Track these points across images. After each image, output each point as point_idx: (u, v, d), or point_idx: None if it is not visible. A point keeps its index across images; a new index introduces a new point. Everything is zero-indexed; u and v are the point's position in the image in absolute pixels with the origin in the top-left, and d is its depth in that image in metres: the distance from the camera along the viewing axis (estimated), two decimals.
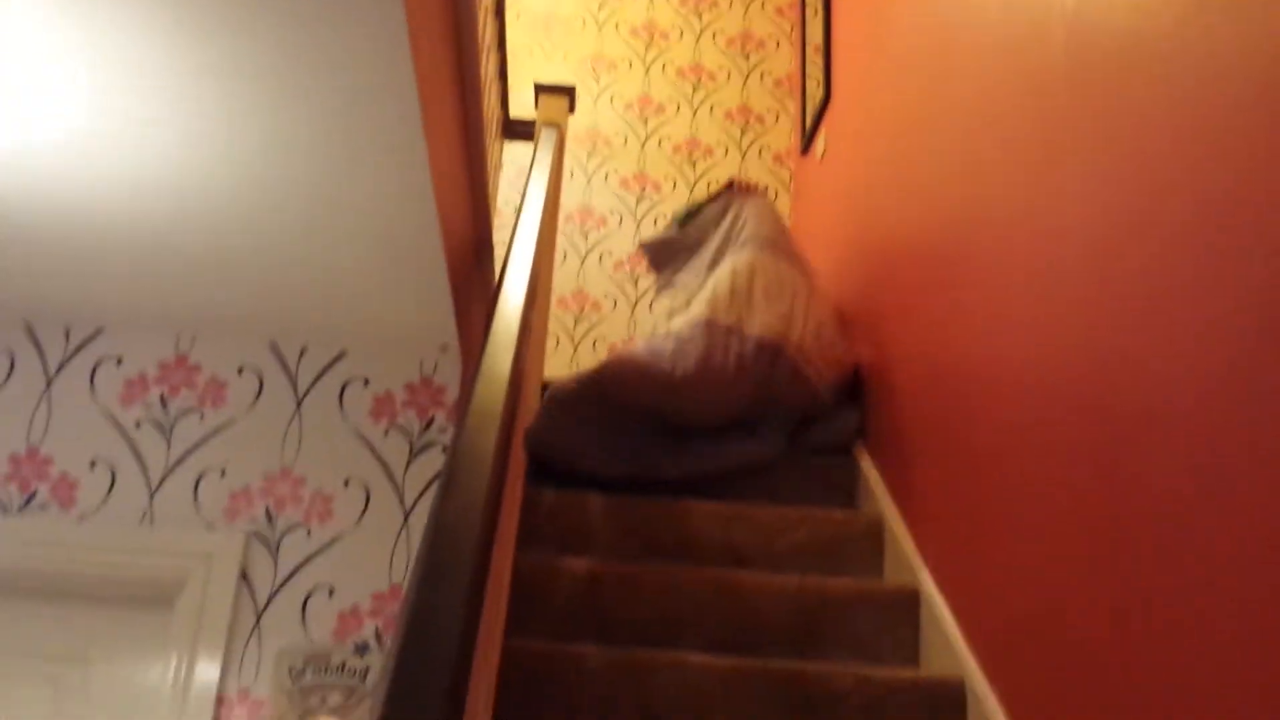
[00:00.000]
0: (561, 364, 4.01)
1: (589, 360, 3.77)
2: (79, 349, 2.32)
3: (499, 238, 3.38)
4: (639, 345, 2.95)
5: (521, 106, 3.74)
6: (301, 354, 2.34)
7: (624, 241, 4.61)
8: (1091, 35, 1.78)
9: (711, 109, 4.89)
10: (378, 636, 2.14)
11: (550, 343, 4.00)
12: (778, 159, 4.81)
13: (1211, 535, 1.32)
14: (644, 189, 4.72)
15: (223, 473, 2.24)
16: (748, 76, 4.95)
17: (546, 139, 3.15)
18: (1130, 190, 1.63)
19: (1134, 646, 1.49)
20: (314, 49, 1.54)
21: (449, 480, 1.49)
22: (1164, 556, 1.43)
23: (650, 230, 4.62)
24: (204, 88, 1.65)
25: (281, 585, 2.16)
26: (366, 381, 2.33)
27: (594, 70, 4.91)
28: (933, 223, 2.66)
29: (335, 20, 1.49)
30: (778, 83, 4.95)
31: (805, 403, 3.09)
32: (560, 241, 4.47)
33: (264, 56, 1.56)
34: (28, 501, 2.20)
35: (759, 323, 3.11)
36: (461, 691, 1.10)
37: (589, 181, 4.70)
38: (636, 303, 4.40)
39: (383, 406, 2.32)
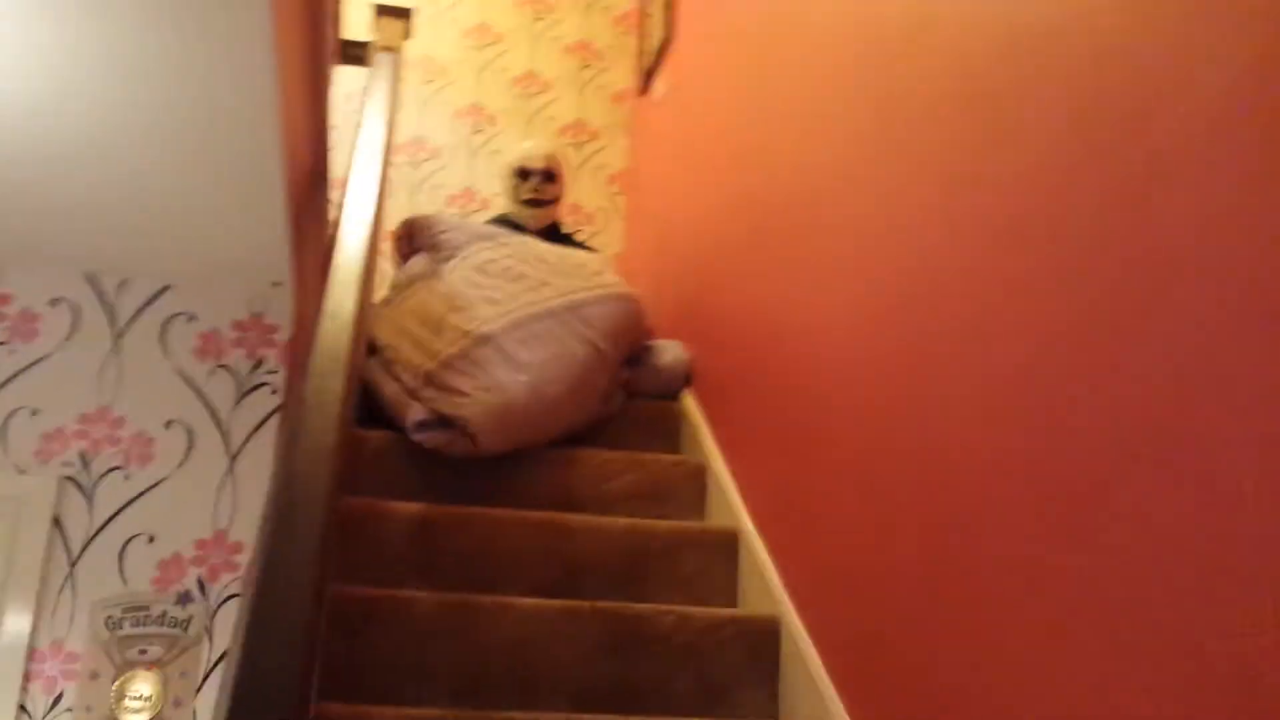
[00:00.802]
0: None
1: None
2: None
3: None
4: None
5: (351, 28, 3.60)
6: (121, 286, 2.22)
7: (458, 175, 4.53)
8: (932, 11, 1.86)
9: (552, 41, 4.82)
10: (201, 585, 2.08)
11: (378, 278, 3.91)
12: (616, 98, 4.80)
13: (1001, 481, 1.45)
14: (480, 120, 4.63)
15: (34, 411, 2.12)
16: (590, 7, 4.90)
17: (384, 64, 3.05)
18: (955, 162, 1.73)
19: (930, 585, 1.62)
20: None
21: (297, 428, 1.48)
22: (957, 507, 1.56)
23: (485, 164, 4.55)
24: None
25: (98, 532, 2.08)
26: (191, 318, 2.24)
27: None
28: (764, 178, 2.74)
29: None
30: (619, 19, 4.92)
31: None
32: (392, 174, 4.35)
33: None
34: None
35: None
36: (315, 631, 1.14)
37: (422, 110, 4.57)
38: None
39: (209, 344, 2.23)
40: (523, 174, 3.69)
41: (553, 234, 3.68)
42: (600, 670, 2.14)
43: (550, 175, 3.70)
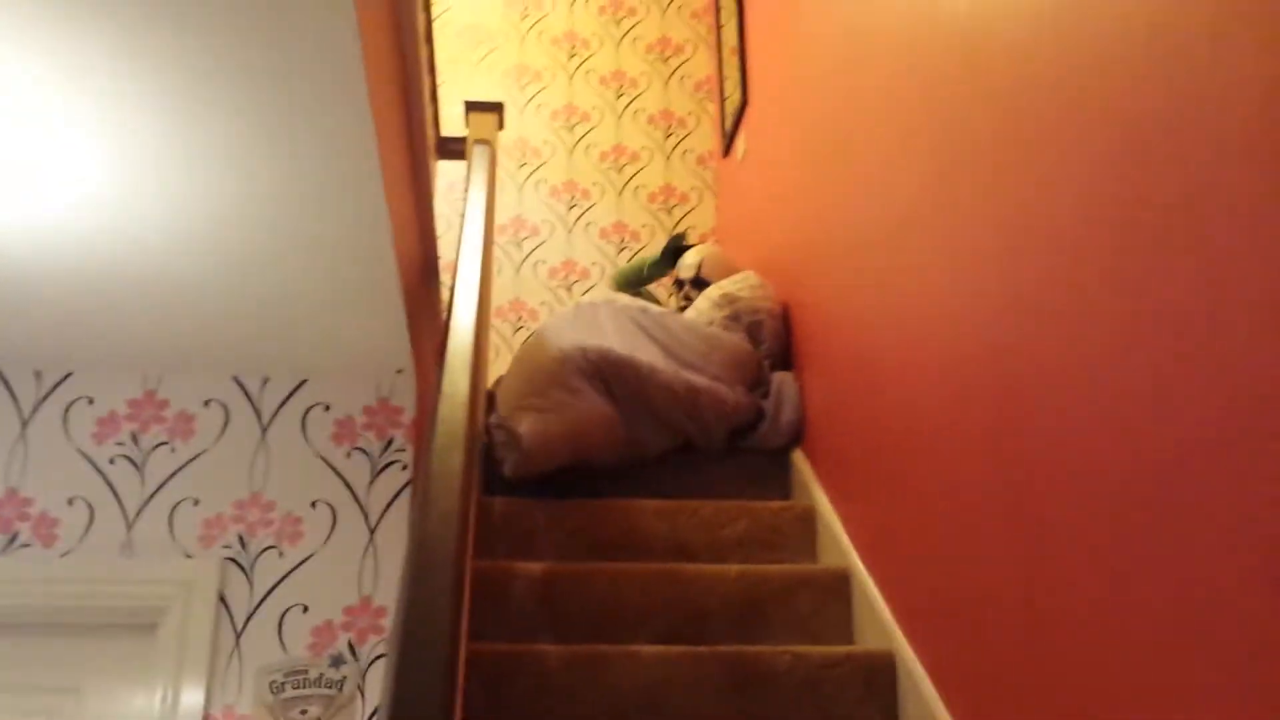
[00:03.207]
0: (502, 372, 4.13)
1: None
2: (50, 391, 2.42)
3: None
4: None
5: (448, 122, 3.84)
6: (264, 384, 2.46)
7: (557, 249, 4.75)
8: (984, 41, 1.95)
9: (635, 114, 5.03)
10: (351, 648, 2.27)
11: (491, 352, 4.13)
12: (701, 161, 4.98)
13: (1092, 519, 1.53)
14: (574, 196, 4.86)
15: (196, 501, 2.36)
16: (669, 80, 5.11)
17: (480, 156, 3.27)
18: (1020, 197, 1.83)
19: (1035, 615, 1.69)
20: (267, 73, 1.61)
21: (425, 497, 1.66)
22: (1053, 539, 1.64)
23: (581, 237, 4.76)
24: (163, 133, 1.75)
25: (258, 605, 2.29)
26: (327, 407, 2.46)
27: (518, 81, 5.03)
28: (849, 223, 2.84)
29: (289, 48, 1.55)
30: (697, 85, 5.11)
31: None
32: (496, 253, 4.59)
33: (225, 97, 1.66)
34: (10, 541, 2.30)
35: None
36: (455, 670, 1.29)
37: (520, 191, 4.82)
38: None
39: (344, 429, 2.45)
40: (678, 284, 3.86)
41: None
42: (726, 710, 2.22)
43: (699, 282, 3.79)
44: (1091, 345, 1.53)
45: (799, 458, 3.16)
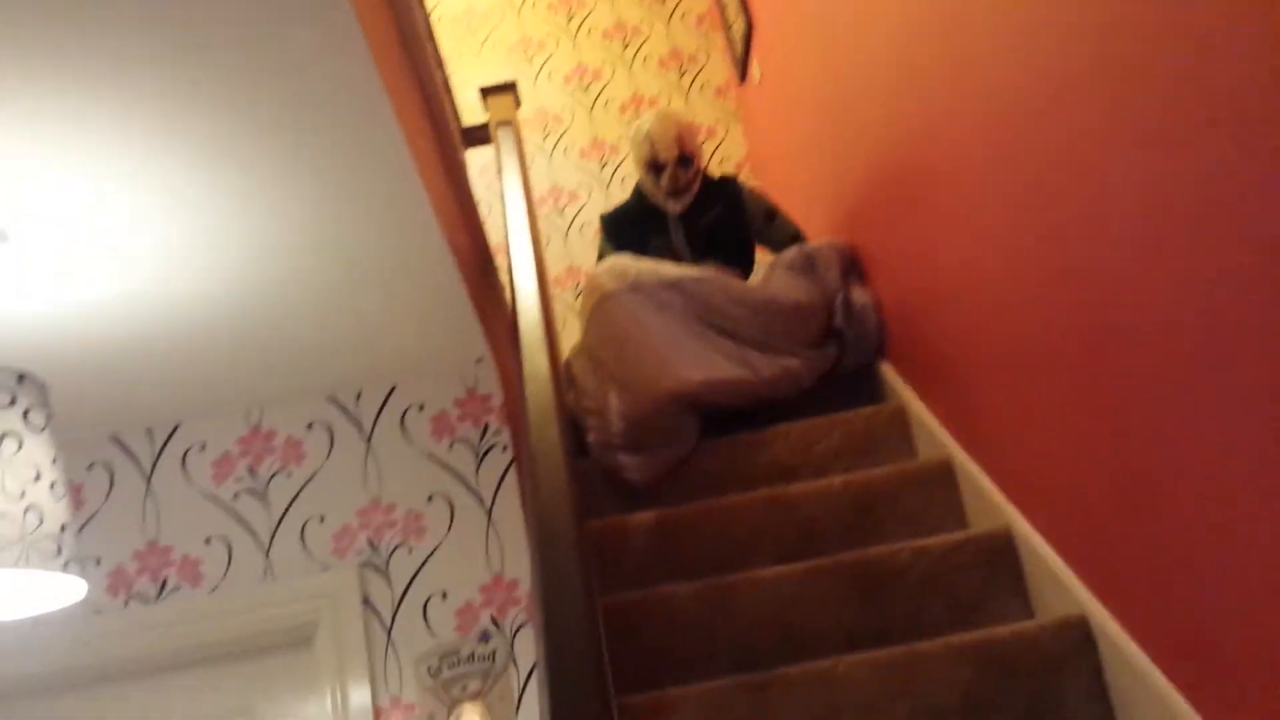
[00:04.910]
0: (573, 340, 4.20)
1: None
2: (164, 445, 2.54)
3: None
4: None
5: (466, 110, 3.89)
6: (358, 398, 2.56)
7: (597, 209, 4.79)
8: None
9: (645, 60, 5.04)
10: (494, 621, 2.38)
11: (559, 323, 4.20)
12: (719, 93, 4.97)
13: (1170, 382, 1.56)
14: (603, 154, 4.90)
15: (322, 519, 2.47)
16: (669, 20, 5.09)
17: (505, 138, 3.32)
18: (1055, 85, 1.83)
19: (1128, 470, 1.73)
20: (292, 127, 1.70)
21: (533, 476, 1.75)
22: (1136, 400, 1.67)
23: (618, 192, 4.80)
24: (227, 204, 1.85)
25: (400, 601, 2.41)
26: (421, 407, 2.55)
27: (525, 53, 5.06)
28: (891, 133, 2.84)
29: (313, 96, 1.65)
30: (699, 20, 5.09)
31: None
32: (541, 225, 4.66)
33: (258, 152, 1.76)
34: (162, 589, 2.44)
35: None
36: (594, 622, 1.38)
37: (550, 160, 4.87)
38: None
39: (441, 425, 2.54)
40: (655, 167, 3.38)
41: (703, 196, 3.43)
42: (855, 615, 2.26)
43: (685, 159, 3.36)
44: (1159, 228, 1.54)
45: (886, 367, 3.17)
